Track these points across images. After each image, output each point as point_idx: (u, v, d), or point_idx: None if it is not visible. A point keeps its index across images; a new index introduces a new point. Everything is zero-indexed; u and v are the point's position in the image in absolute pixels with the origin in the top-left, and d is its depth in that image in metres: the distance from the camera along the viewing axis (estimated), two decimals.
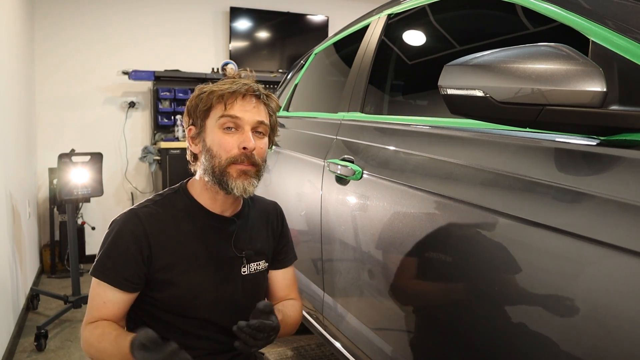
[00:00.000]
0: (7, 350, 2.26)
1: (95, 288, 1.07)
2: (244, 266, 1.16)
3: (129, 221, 1.07)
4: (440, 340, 1.05)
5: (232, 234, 1.15)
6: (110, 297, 1.06)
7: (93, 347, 1.04)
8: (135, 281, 1.06)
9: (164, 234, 1.08)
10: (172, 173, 3.83)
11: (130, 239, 1.05)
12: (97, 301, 1.07)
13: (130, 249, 1.05)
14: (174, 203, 1.13)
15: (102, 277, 1.06)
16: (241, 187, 1.06)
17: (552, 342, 0.75)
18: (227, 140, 1.06)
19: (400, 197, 1.19)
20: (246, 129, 1.06)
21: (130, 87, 4.12)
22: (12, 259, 2.51)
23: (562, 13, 0.92)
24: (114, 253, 1.06)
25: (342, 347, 1.55)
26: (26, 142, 3.26)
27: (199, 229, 1.11)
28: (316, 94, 2.30)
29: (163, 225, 1.08)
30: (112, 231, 1.08)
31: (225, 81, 1.11)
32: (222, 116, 1.06)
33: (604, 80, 0.72)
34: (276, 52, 4.57)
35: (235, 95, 1.06)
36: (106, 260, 1.06)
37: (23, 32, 3.26)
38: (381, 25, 1.64)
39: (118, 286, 1.05)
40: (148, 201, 1.12)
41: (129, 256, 1.05)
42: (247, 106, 1.07)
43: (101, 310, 1.06)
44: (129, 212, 1.09)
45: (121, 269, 1.05)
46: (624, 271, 0.66)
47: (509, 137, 0.94)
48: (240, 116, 1.06)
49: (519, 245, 0.83)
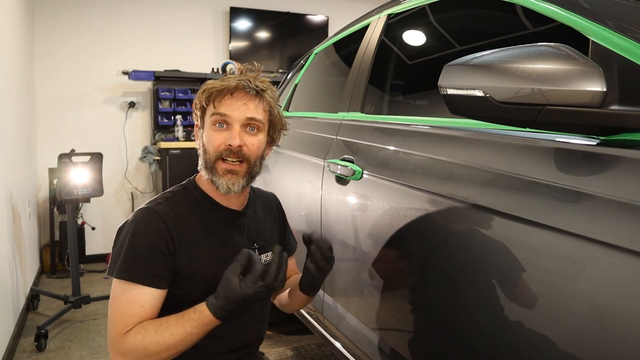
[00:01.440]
0: (7, 350, 2.26)
1: (126, 293, 1.00)
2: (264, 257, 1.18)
3: (149, 218, 1.04)
4: (441, 340, 1.05)
5: (243, 226, 1.16)
6: (148, 299, 1.00)
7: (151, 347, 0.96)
8: (168, 276, 1.03)
9: (184, 228, 1.06)
10: (172, 173, 3.83)
11: (154, 234, 1.02)
12: (132, 307, 0.99)
13: (157, 244, 1.01)
14: (186, 199, 1.12)
15: (134, 278, 1.00)
16: (225, 185, 1.07)
17: (552, 342, 0.75)
18: (215, 137, 1.07)
19: (400, 197, 1.19)
20: (235, 127, 1.06)
21: (130, 87, 4.12)
22: (12, 259, 2.51)
23: (562, 13, 0.92)
24: (140, 251, 1.01)
25: (342, 347, 1.55)
26: (26, 142, 3.26)
27: (213, 223, 1.11)
28: (316, 94, 2.30)
29: (181, 221, 1.07)
30: (131, 230, 1.03)
31: (225, 77, 1.10)
32: (213, 114, 1.07)
33: (604, 80, 0.72)
34: (276, 52, 4.57)
35: (223, 92, 1.06)
36: (133, 260, 1.01)
37: (23, 32, 3.26)
38: (381, 25, 1.64)
39: (154, 285, 1.01)
40: (160, 198, 1.10)
41: (157, 252, 1.01)
42: (235, 103, 1.06)
43: (140, 316, 0.99)
44: (145, 210, 1.06)
45: (152, 266, 1.01)
46: (624, 271, 0.66)
47: (509, 137, 0.94)
48: (228, 113, 1.06)
49: (519, 245, 0.83)
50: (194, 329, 0.97)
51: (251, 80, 1.08)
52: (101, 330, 2.71)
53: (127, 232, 1.04)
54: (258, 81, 1.09)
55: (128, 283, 1.00)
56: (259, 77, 1.11)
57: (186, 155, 3.83)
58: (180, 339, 0.97)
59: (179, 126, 4.03)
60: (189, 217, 1.09)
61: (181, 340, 0.97)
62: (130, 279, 1.00)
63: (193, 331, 0.97)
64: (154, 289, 1.01)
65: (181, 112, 4.10)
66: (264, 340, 1.30)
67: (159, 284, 1.02)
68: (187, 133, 4.05)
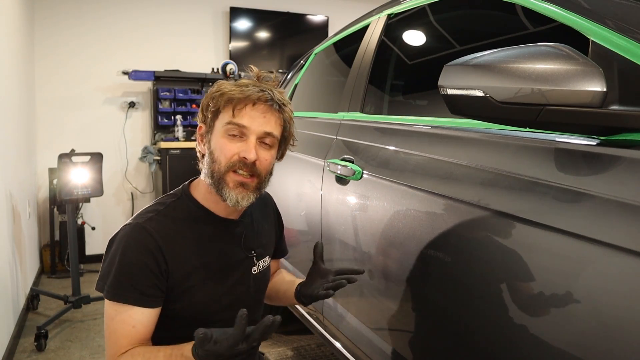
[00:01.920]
0: (7, 350, 2.26)
1: (118, 314, 0.98)
2: (254, 265, 1.15)
3: (139, 236, 1.00)
4: (441, 340, 1.05)
5: (241, 235, 1.13)
6: (139, 319, 0.98)
7: None
8: (159, 294, 1.00)
9: (176, 245, 1.02)
10: (172, 173, 3.83)
11: (145, 253, 0.98)
12: (124, 328, 0.97)
13: (148, 264, 0.98)
14: (179, 211, 1.06)
15: (125, 299, 0.97)
16: (234, 199, 1.02)
17: (552, 342, 0.75)
18: (229, 147, 1.01)
19: (400, 197, 1.19)
20: (251, 139, 1.01)
21: (130, 87, 4.12)
22: (12, 259, 2.51)
23: (562, 13, 0.92)
24: (131, 271, 0.98)
25: (342, 347, 1.55)
26: (26, 142, 3.26)
27: (208, 235, 1.07)
28: (316, 94, 2.30)
29: (173, 236, 1.02)
30: (120, 248, 0.99)
31: (242, 82, 1.04)
32: (229, 122, 1.01)
33: (604, 80, 0.72)
34: (276, 52, 4.57)
35: (246, 101, 1.00)
36: (124, 280, 0.98)
37: (23, 32, 3.26)
38: (381, 25, 1.64)
39: (145, 304, 0.98)
40: (150, 212, 1.04)
41: (148, 271, 0.98)
42: (256, 115, 1.01)
43: (132, 336, 0.98)
44: (134, 227, 1.01)
45: (143, 286, 0.98)
46: (624, 271, 0.66)
47: (509, 137, 0.94)
48: (247, 125, 1.00)
49: (519, 245, 0.83)
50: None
51: (273, 92, 1.03)
52: (101, 330, 2.71)
53: (117, 249, 1.00)
54: (278, 93, 1.05)
55: (119, 304, 0.98)
56: (277, 88, 1.07)
57: (186, 155, 3.83)
58: None
59: (179, 126, 4.03)
60: (182, 231, 1.04)
61: None
62: (121, 299, 0.98)
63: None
64: (145, 309, 0.99)
65: (181, 112, 4.10)
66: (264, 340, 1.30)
67: (151, 304, 0.99)
68: (187, 133, 4.05)
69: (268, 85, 1.05)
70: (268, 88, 1.04)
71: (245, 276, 1.13)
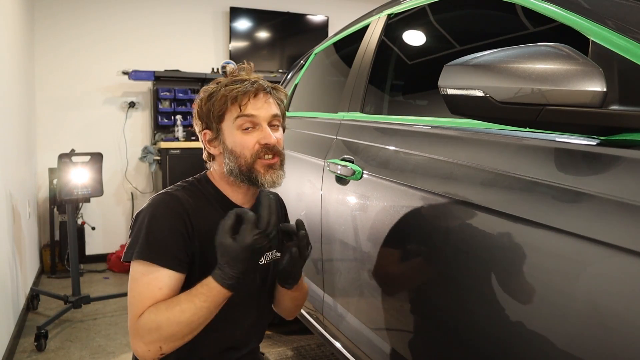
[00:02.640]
0: (7, 350, 2.26)
1: (145, 275, 0.99)
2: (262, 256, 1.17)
3: (169, 201, 1.05)
4: (441, 340, 1.05)
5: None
6: (167, 282, 0.99)
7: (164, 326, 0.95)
8: (187, 259, 1.03)
9: (200, 216, 1.07)
10: (172, 173, 3.83)
11: (175, 216, 1.03)
12: (151, 290, 0.98)
13: (178, 227, 1.02)
14: (201, 190, 1.12)
15: (154, 259, 0.99)
16: (270, 180, 1.10)
17: (552, 342, 0.75)
18: (247, 139, 1.08)
19: (400, 197, 1.19)
20: (264, 126, 1.09)
21: (130, 87, 4.12)
22: (12, 259, 2.51)
23: (562, 13, 0.92)
24: (161, 233, 1.01)
25: (342, 347, 1.55)
26: (26, 142, 3.26)
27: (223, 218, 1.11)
28: (316, 94, 2.30)
29: (197, 207, 1.07)
30: (150, 213, 1.03)
31: (229, 81, 1.11)
32: (239, 116, 1.07)
33: (604, 80, 0.72)
34: (276, 52, 4.57)
35: (248, 95, 1.08)
36: (153, 242, 1.00)
37: (23, 32, 3.26)
38: (381, 25, 1.64)
39: (173, 267, 1.00)
40: (177, 186, 1.11)
41: (178, 234, 1.02)
42: (259, 103, 1.09)
43: (157, 298, 0.98)
44: (164, 194, 1.07)
45: (172, 248, 1.01)
46: (624, 271, 0.66)
47: (509, 137, 0.94)
48: (256, 114, 1.08)
49: (518, 245, 0.83)
50: (203, 302, 0.95)
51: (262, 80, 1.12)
52: (101, 330, 2.71)
53: (146, 215, 1.03)
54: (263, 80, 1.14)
55: (147, 265, 0.99)
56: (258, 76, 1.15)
57: (186, 155, 3.83)
58: (191, 314, 0.95)
59: (179, 126, 4.03)
60: (204, 206, 1.10)
61: (192, 315, 0.95)
62: (150, 259, 0.99)
63: (203, 305, 0.95)
64: (172, 272, 1.00)
65: (181, 112, 4.10)
66: (264, 340, 1.30)
67: (178, 267, 1.01)
68: (187, 133, 4.05)
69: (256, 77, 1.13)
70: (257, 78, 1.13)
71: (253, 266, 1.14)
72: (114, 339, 2.59)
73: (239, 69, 1.16)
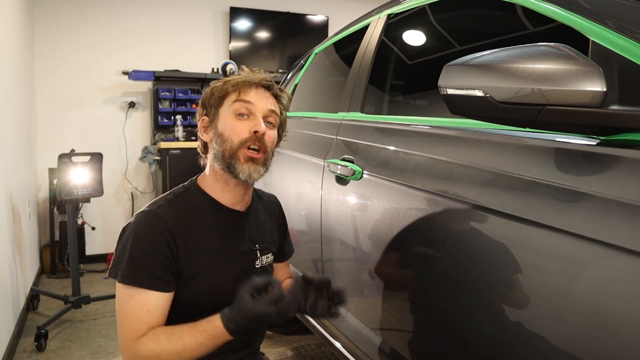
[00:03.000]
0: (7, 350, 2.26)
1: (132, 298, 1.00)
2: (257, 259, 1.18)
3: (152, 221, 1.04)
4: (441, 340, 1.05)
5: (246, 227, 1.17)
6: (154, 303, 1.00)
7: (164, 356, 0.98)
8: (172, 279, 1.03)
9: (186, 231, 1.06)
10: (172, 173, 3.83)
11: (158, 237, 1.02)
12: (139, 312, 0.99)
13: (162, 248, 1.01)
14: (189, 200, 1.11)
15: (139, 283, 1.00)
16: (247, 171, 1.07)
17: (552, 342, 0.75)
18: (238, 125, 1.07)
19: (400, 197, 1.19)
20: (258, 115, 1.08)
21: (130, 87, 4.12)
22: (12, 259, 2.51)
23: (562, 13, 0.92)
24: (144, 255, 1.01)
25: (342, 347, 1.55)
26: (26, 142, 3.26)
27: (216, 225, 1.11)
28: (316, 94, 2.30)
29: (183, 223, 1.06)
30: (133, 233, 1.03)
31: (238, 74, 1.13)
32: (236, 101, 1.08)
33: (604, 80, 0.72)
34: (276, 52, 4.57)
35: (250, 84, 1.09)
36: (137, 264, 1.00)
37: (23, 32, 3.26)
38: (381, 25, 1.64)
39: (159, 288, 1.00)
40: (162, 200, 1.09)
41: (162, 255, 1.01)
42: (260, 94, 1.10)
43: (147, 321, 1.00)
44: (147, 213, 1.05)
45: (157, 269, 1.00)
46: (624, 271, 0.66)
47: (509, 137, 0.94)
48: (253, 102, 1.08)
49: (518, 245, 0.83)
50: (205, 340, 0.98)
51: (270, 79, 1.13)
52: (101, 330, 2.71)
53: (129, 235, 1.03)
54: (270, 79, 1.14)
55: (133, 288, 1.00)
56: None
57: (186, 155, 3.83)
58: (192, 349, 0.98)
59: (179, 126, 4.03)
60: (191, 218, 1.08)
61: (192, 350, 0.98)
62: (135, 283, 1.00)
63: (204, 342, 0.98)
64: (159, 293, 1.01)
65: (181, 112, 4.10)
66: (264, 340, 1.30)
67: (165, 288, 1.02)
68: (187, 133, 4.05)
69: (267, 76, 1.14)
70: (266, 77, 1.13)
71: (249, 269, 1.16)
72: (114, 339, 2.59)
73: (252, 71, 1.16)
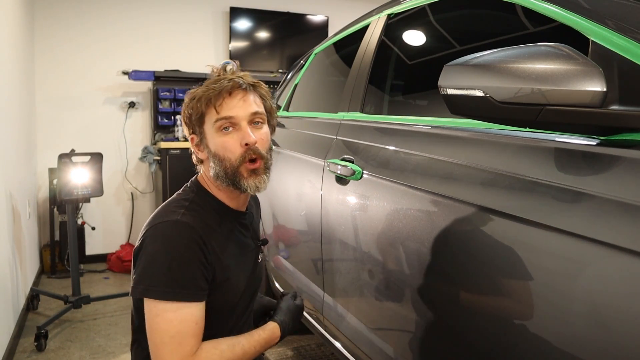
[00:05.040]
0: (7, 350, 2.26)
1: (176, 313, 0.96)
2: (260, 253, 1.24)
3: (182, 230, 1.00)
4: (441, 340, 1.05)
5: (250, 226, 1.20)
6: (199, 314, 0.99)
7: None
8: (208, 287, 1.02)
9: (212, 237, 1.05)
10: (172, 173, 3.83)
11: (193, 246, 0.99)
12: (188, 327, 0.97)
13: (198, 256, 0.99)
14: (203, 206, 1.09)
15: (183, 297, 0.97)
16: (253, 185, 1.06)
17: (552, 342, 0.75)
18: (228, 141, 1.04)
19: (400, 197, 1.19)
20: (243, 125, 1.05)
21: (130, 87, 4.12)
22: (12, 259, 2.51)
23: (562, 13, 0.92)
24: (184, 267, 0.98)
25: (342, 347, 1.55)
26: (26, 142, 3.26)
27: (231, 228, 1.12)
28: (316, 94, 2.30)
29: (208, 228, 1.05)
30: (164, 245, 0.99)
31: (209, 81, 1.08)
32: (217, 120, 1.04)
33: (604, 80, 0.72)
34: (276, 52, 4.56)
35: (222, 94, 1.04)
36: (178, 278, 0.97)
37: (23, 32, 3.26)
38: (381, 25, 1.64)
39: (201, 299, 1.00)
40: (179, 208, 1.05)
41: (200, 264, 0.99)
42: (235, 102, 1.05)
43: (197, 334, 0.98)
44: (173, 223, 1.01)
45: (198, 280, 0.99)
46: (624, 271, 0.66)
47: (509, 137, 0.94)
48: (233, 115, 1.04)
49: (519, 245, 0.83)
50: (262, 347, 1.07)
51: (241, 76, 1.08)
52: (101, 330, 2.71)
53: (159, 248, 0.99)
54: (244, 77, 1.09)
55: (176, 303, 0.97)
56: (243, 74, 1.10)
57: (186, 155, 3.81)
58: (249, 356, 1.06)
59: (179, 126, 4.03)
60: (212, 223, 1.07)
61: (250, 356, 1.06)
62: (179, 298, 0.97)
63: (260, 350, 1.08)
64: (202, 303, 1.01)
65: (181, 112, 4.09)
66: None
67: (204, 297, 1.02)
68: None
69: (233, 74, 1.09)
70: (234, 76, 1.08)
71: (254, 265, 1.20)
72: (114, 339, 2.59)
73: (223, 68, 1.12)
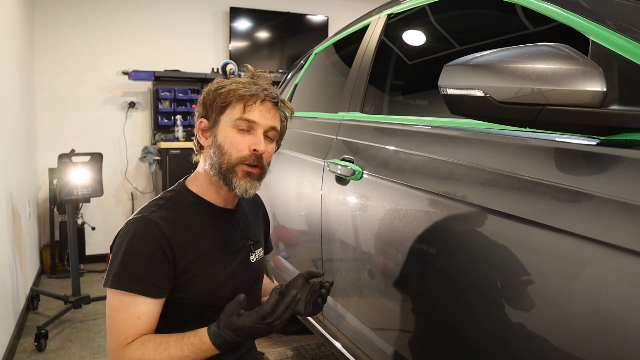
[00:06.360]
0: (7, 350, 2.26)
1: (122, 304, 1.00)
2: (252, 254, 1.21)
3: (145, 227, 1.03)
4: (441, 340, 1.05)
5: (238, 224, 1.19)
6: (144, 310, 1.00)
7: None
8: (166, 285, 1.03)
9: (181, 233, 1.06)
10: (172, 173, 3.83)
11: (152, 244, 1.01)
12: (129, 318, 1.00)
13: (155, 254, 1.01)
14: (180, 203, 1.11)
15: (131, 288, 0.99)
16: (243, 187, 1.07)
17: (552, 342, 0.75)
18: (239, 140, 1.07)
19: (400, 197, 1.19)
20: (259, 132, 1.08)
21: (130, 87, 4.12)
22: (12, 259, 2.51)
23: (562, 13, 0.92)
24: (138, 261, 1.01)
25: (342, 347, 1.55)
26: (26, 142, 3.26)
27: (209, 224, 1.12)
28: (316, 94, 2.30)
29: (177, 226, 1.06)
30: (127, 239, 1.02)
31: (243, 80, 1.11)
32: (240, 118, 1.07)
33: (604, 80, 0.72)
34: (276, 52, 4.57)
35: (255, 98, 1.07)
36: (130, 270, 1.00)
37: (23, 32, 3.26)
38: (381, 25, 1.64)
39: (150, 295, 1.00)
40: (153, 206, 1.09)
41: (156, 261, 1.01)
42: (264, 111, 1.08)
43: (138, 327, 1.00)
44: (140, 219, 1.05)
45: (150, 276, 1.00)
46: (624, 271, 0.66)
47: (509, 137, 0.94)
48: (257, 120, 1.07)
49: (519, 245, 0.83)
50: (191, 352, 0.98)
51: (274, 90, 1.12)
52: (101, 330, 2.71)
53: (122, 242, 1.03)
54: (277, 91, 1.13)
55: (124, 293, 1.00)
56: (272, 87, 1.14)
57: (186, 155, 3.83)
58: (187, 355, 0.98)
59: (179, 126, 4.03)
60: (185, 220, 1.08)
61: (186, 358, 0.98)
62: (125, 288, 1.00)
63: (190, 355, 0.98)
64: (150, 299, 1.01)
65: (181, 112, 4.10)
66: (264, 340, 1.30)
67: (156, 294, 1.02)
68: (187, 133, 4.05)
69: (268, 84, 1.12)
70: (269, 86, 1.12)
71: (244, 264, 1.18)
72: None
73: (256, 75, 1.14)
